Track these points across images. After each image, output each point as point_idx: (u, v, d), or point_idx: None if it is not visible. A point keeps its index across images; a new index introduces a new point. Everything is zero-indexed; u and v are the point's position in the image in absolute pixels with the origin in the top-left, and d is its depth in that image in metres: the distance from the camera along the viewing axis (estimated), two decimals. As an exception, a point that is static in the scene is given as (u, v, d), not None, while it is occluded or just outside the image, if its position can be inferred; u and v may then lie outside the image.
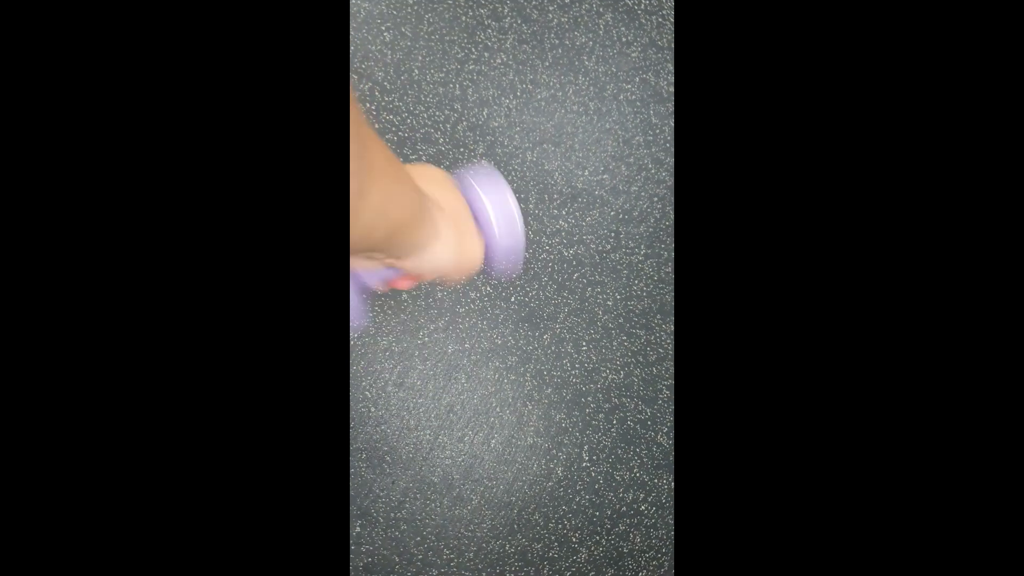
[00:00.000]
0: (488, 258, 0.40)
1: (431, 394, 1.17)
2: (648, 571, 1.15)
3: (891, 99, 0.25)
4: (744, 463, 0.26)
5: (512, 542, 1.16)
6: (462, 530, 1.16)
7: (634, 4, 1.14)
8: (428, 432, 1.17)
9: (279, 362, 0.24)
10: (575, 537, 1.15)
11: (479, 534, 1.16)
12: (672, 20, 1.14)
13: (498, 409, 1.16)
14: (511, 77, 1.15)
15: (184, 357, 0.23)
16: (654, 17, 1.14)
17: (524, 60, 1.15)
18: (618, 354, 1.15)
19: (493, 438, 1.16)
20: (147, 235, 0.23)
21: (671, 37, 1.14)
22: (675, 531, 1.15)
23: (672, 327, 1.15)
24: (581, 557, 1.15)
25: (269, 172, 0.24)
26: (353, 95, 0.23)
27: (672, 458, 1.15)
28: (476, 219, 0.39)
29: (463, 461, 1.16)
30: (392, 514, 1.17)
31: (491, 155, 1.15)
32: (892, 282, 0.25)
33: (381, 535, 1.17)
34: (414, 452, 1.17)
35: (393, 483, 1.17)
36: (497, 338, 1.16)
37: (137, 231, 0.23)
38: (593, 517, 1.15)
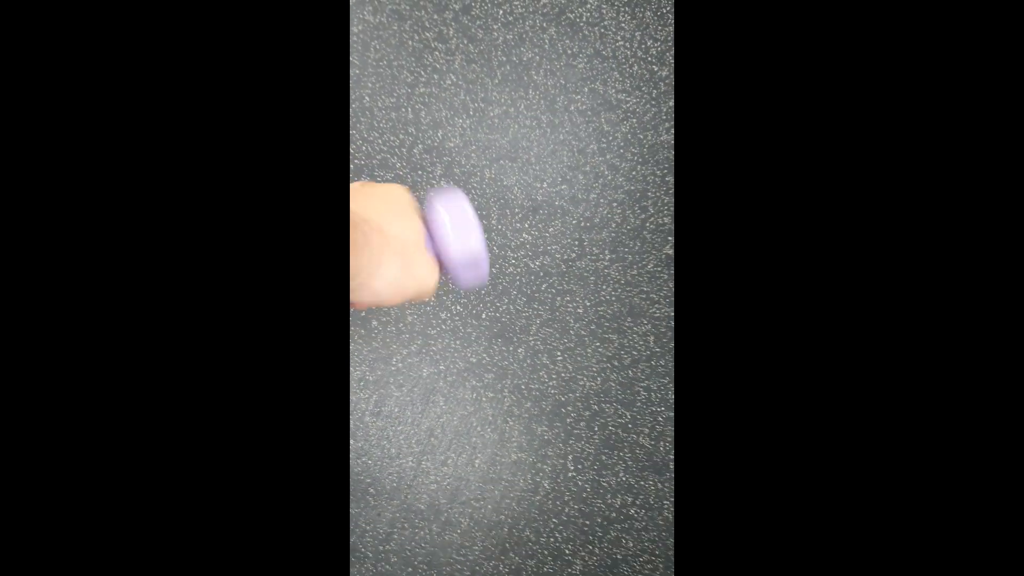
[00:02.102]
0: (450, 271, 0.40)
1: (410, 420, 1.15)
2: (644, 575, 1.15)
3: (888, 102, 0.25)
4: (742, 464, 0.26)
5: (505, 562, 1.14)
6: (453, 555, 1.14)
7: (576, 17, 1.16)
8: (410, 459, 1.15)
9: (278, 387, 0.24)
10: (568, 549, 1.14)
11: (471, 557, 1.14)
12: (614, 30, 1.17)
13: (479, 428, 1.15)
14: (462, 97, 1.16)
15: (181, 382, 0.23)
16: (596, 28, 1.16)
17: (474, 79, 1.16)
18: (593, 361, 1.15)
19: (477, 458, 1.15)
20: (142, 246, 0.22)
21: (614, 47, 1.17)
22: (675, 535, 1.15)
23: (643, 328, 1.16)
24: (576, 569, 1.14)
25: (264, 191, 0.23)
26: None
27: (656, 459, 1.16)
28: (432, 235, 0.39)
29: (449, 485, 1.15)
30: (380, 547, 1.14)
31: (449, 175, 1.16)
32: (897, 294, 0.25)
33: (371, 570, 1.14)
34: (398, 481, 1.14)
35: (379, 515, 1.14)
36: (472, 356, 1.15)
37: (130, 240, 0.22)
38: (584, 526, 1.14)
